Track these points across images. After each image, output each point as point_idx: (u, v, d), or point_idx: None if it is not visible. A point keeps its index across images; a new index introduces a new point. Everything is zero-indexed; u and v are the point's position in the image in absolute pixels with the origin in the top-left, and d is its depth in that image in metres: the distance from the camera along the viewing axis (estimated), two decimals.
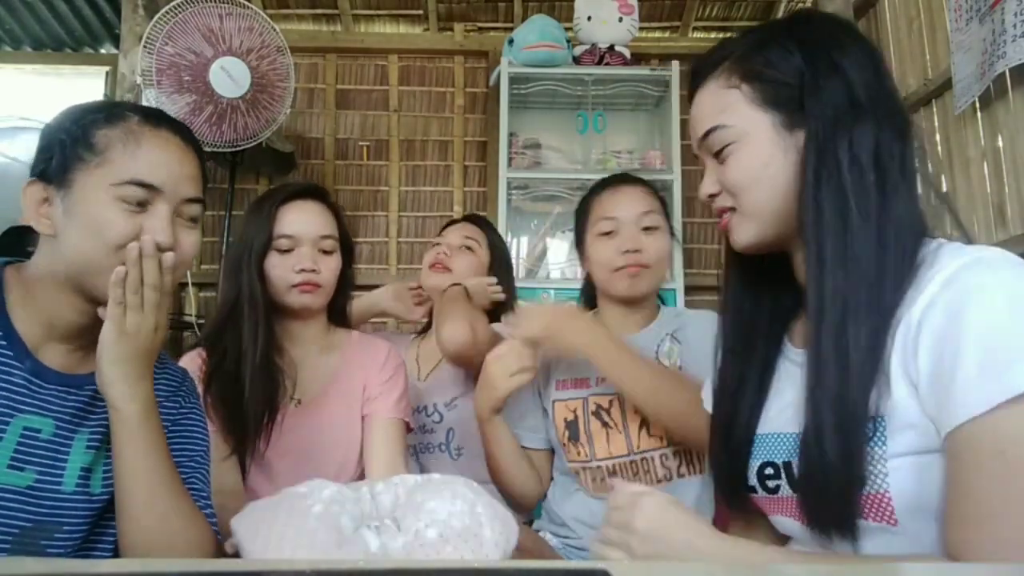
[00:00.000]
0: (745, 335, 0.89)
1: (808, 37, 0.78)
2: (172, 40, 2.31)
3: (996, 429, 0.62)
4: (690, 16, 3.42)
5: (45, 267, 0.86)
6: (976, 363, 0.63)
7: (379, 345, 1.45)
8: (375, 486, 0.86)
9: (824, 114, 0.74)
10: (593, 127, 2.99)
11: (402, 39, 3.43)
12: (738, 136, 0.79)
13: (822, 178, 0.73)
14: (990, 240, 2.02)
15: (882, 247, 0.71)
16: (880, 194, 0.72)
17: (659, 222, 1.40)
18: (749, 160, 0.78)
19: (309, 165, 3.28)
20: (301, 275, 1.31)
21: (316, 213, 1.37)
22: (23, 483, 0.83)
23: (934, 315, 0.67)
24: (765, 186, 0.78)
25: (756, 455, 0.87)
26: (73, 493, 0.86)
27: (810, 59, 0.76)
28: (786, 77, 0.77)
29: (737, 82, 0.79)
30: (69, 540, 0.86)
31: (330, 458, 1.34)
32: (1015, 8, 1.81)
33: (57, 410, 0.86)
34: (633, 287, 1.38)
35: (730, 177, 0.80)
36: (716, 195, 0.84)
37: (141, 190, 0.84)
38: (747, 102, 0.78)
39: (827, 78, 0.74)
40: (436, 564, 0.71)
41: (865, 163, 0.72)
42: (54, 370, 0.87)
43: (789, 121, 0.77)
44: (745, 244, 0.82)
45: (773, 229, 0.80)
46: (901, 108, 0.77)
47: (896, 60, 2.59)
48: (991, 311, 0.64)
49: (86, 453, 0.88)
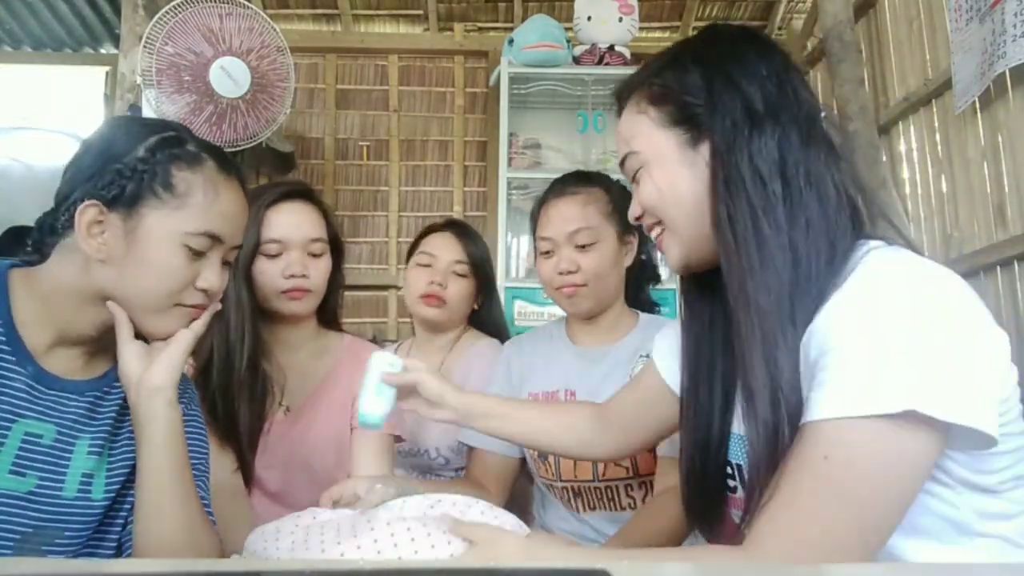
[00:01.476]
0: (702, 352, 0.89)
1: (706, 53, 0.80)
2: (172, 40, 2.31)
3: (832, 436, 0.64)
4: (690, 16, 3.42)
5: (70, 280, 0.85)
6: (840, 372, 0.64)
7: (366, 351, 1.38)
8: (378, 512, 0.88)
9: (724, 128, 0.75)
10: (593, 127, 2.99)
11: (402, 39, 3.43)
12: (645, 161, 0.81)
13: (729, 191, 0.74)
14: (990, 240, 2.02)
15: (794, 256, 0.71)
16: (788, 203, 0.72)
17: (594, 237, 1.35)
18: (657, 182, 0.80)
19: (309, 165, 3.28)
20: (291, 281, 1.27)
21: (304, 215, 1.32)
22: (24, 489, 0.83)
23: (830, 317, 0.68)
24: (679, 204, 0.79)
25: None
26: (74, 499, 0.86)
27: (707, 75, 0.77)
28: (686, 96, 0.78)
29: (645, 107, 0.82)
30: (71, 546, 0.86)
31: (320, 467, 1.31)
32: (1015, 8, 1.81)
33: (58, 416, 0.86)
34: (574, 306, 1.38)
35: (643, 199, 0.82)
36: (640, 217, 0.86)
37: (210, 241, 0.86)
38: (653, 125, 0.80)
39: (723, 92, 0.75)
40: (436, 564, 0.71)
41: (767, 173, 0.72)
42: (56, 376, 0.87)
43: (693, 138, 0.78)
44: (677, 264, 0.84)
45: (700, 246, 0.80)
46: (808, 113, 0.76)
47: (896, 60, 2.59)
48: (878, 325, 0.64)
49: (87, 459, 0.88)
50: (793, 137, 0.74)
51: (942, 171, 2.30)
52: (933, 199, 2.35)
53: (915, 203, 2.44)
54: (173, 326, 0.88)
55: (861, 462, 0.63)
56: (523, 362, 1.48)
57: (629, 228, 1.40)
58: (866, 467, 0.63)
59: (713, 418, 0.87)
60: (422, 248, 1.71)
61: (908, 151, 2.53)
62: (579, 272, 1.35)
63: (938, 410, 0.61)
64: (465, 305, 1.70)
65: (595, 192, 1.40)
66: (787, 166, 0.73)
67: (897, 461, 0.63)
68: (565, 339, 1.47)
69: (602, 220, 1.37)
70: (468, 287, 1.68)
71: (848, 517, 0.63)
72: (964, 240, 2.14)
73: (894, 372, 0.62)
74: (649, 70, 0.83)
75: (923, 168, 2.43)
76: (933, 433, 0.63)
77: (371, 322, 3.19)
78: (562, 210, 1.38)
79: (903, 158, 2.54)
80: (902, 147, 2.56)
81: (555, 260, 1.36)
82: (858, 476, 0.63)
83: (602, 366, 1.40)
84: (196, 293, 0.87)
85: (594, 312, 1.40)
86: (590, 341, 1.43)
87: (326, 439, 1.32)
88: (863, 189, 0.78)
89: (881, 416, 0.61)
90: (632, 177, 0.84)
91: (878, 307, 0.65)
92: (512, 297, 2.73)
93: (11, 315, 0.85)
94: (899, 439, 0.62)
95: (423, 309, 1.66)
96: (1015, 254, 1.91)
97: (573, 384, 1.40)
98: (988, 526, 0.69)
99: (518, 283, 2.76)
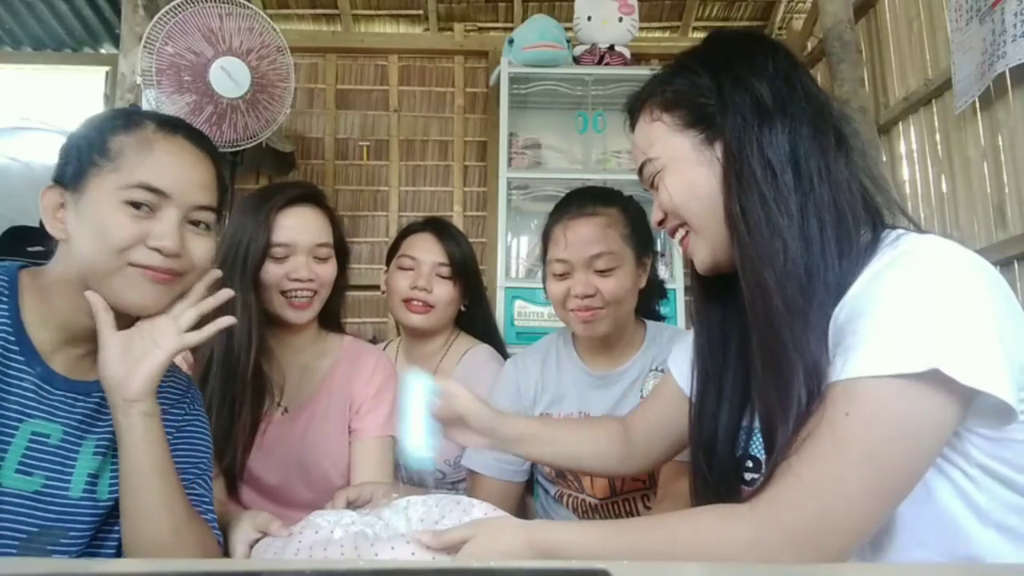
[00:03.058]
0: (716, 351, 0.91)
1: (714, 57, 0.83)
2: (172, 40, 2.31)
3: (854, 394, 0.65)
4: (690, 16, 3.42)
5: (60, 272, 0.86)
6: (866, 335, 0.66)
7: (367, 355, 1.40)
8: (383, 512, 0.89)
9: (735, 124, 0.77)
10: (593, 127, 2.98)
11: (402, 39, 3.43)
12: (663, 165, 0.83)
13: (741, 184, 0.76)
14: (990, 240, 2.02)
15: (808, 245, 0.73)
16: (799, 193, 0.74)
17: (615, 262, 1.30)
18: (676, 183, 0.82)
19: (309, 165, 3.28)
20: (295, 283, 1.28)
21: (312, 220, 1.32)
22: (31, 488, 0.83)
23: (863, 287, 0.70)
24: (699, 202, 0.81)
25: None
26: (80, 499, 0.87)
27: (716, 76, 0.80)
28: (698, 98, 0.81)
29: (659, 114, 0.84)
30: (76, 545, 0.87)
31: (317, 468, 1.31)
32: (1015, 8, 1.81)
33: (65, 416, 0.87)
34: (590, 330, 1.33)
35: (664, 202, 0.84)
36: (663, 221, 0.87)
37: (149, 194, 0.84)
38: (668, 130, 0.83)
39: (733, 91, 0.78)
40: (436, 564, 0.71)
41: (779, 165, 0.74)
42: (63, 376, 0.87)
43: (708, 138, 0.80)
44: (704, 265, 0.85)
45: (724, 245, 0.81)
46: (821, 107, 0.78)
47: (896, 60, 2.59)
48: (906, 290, 0.66)
49: (93, 459, 0.89)
50: (803, 130, 0.75)
51: (942, 171, 2.30)
52: (933, 199, 2.35)
53: (915, 203, 2.44)
54: (136, 291, 0.84)
55: (882, 420, 0.63)
56: (532, 384, 1.44)
57: (646, 249, 1.37)
58: (886, 425, 0.63)
59: (720, 418, 0.88)
60: (403, 251, 1.67)
61: (908, 151, 2.53)
62: (597, 296, 1.29)
63: (961, 373, 0.61)
64: (452, 308, 1.67)
65: (614, 213, 1.34)
66: (799, 158, 0.75)
67: (918, 422, 0.64)
68: (576, 360, 1.43)
69: (622, 244, 1.32)
70: (453, 289, 1.64)
71: (863, 474, 0.63)
72: (964, 240, 2.14)
73: (920, 334, 0.64)
74: (659, 80, 0.86)
75: (923, 168, 2.43)
76: (954, 398, 0.64)
77: (371, 322, 3.19)
78: (582, 233, 1.31)
79: (903, 158, 2.54)
80: (902, 147, 2.56)
81: (570, 282, 1.31)
82: (878, 434, 0.63)
83: (617, 388, 1.38)
84: (150, 253, 0.84)
85: (609, 334, 1.36)
86: (604, 363, 1.40)
87: (324, 440, 1.32)
88: (875, 179, 0.80)
89: (904, 375, 0.63)
90: (651, 183, 0.86)
91: (909, 277, 0.67)
92: (512, 297, 2.72)
93: (20, 316, 0.85)
94: (921, 399, 0.63)
95: (408, 316, 1.62)
96: (1015, 254, 1.91)
97: (588, 407, 1.39)
98: (1008, 518, 0.69)
99: (518, 283, 2.76)
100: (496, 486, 1.38)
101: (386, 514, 0.90)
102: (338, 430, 1.33)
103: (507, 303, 2.70)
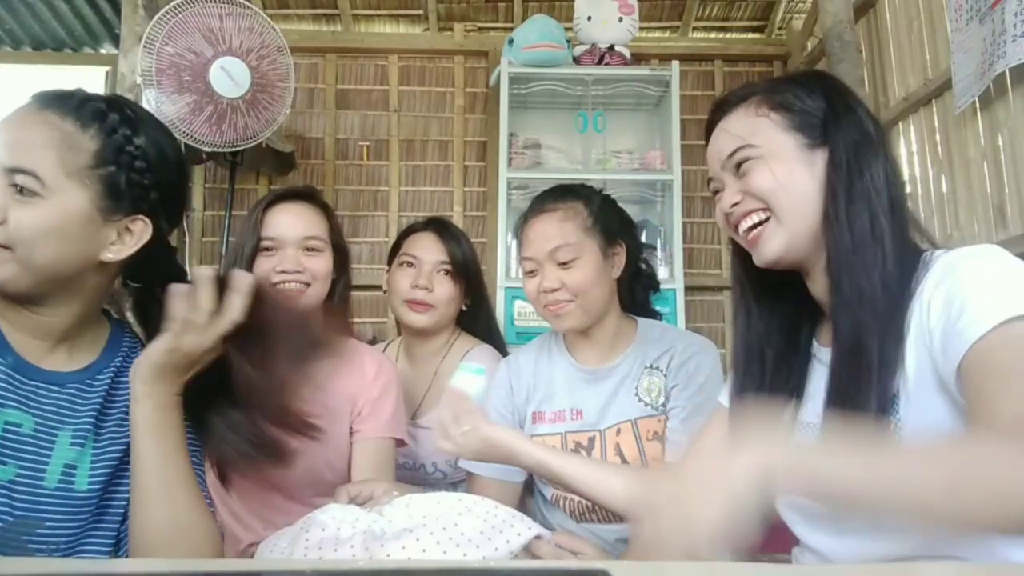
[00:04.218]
0: (756, 356, 0.97)
1: (826, 85, 0.93)
2: (172, 40, 2.31)
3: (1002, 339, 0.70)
4: (690, 16, 3.42)
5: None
6: (978, 297, 0.74)
7: (369, 357, 1.40)
8: (385, 509, 0.89)
9: (847, 140, 0.87)
10: (593, 127, 2.99)
11: (402, 39, 3.43)
12: (764, 154, 0.90)
13: (851, 195, 0.85)
14: (990, 240, 2.02)
15: (900, 255, 0.84)
16: (892, 212, 0.85)
17: (574, 253, 1.32)
18: (776, 172, 0.89)
19: (309, 165, 3.28)
20: (281, 275, 1.30)
21: (299, 214, 1.34)
22: (4, 477, 0.83)
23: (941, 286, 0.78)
24: (793, 194, 0.88)
25: None
26: (56, 489, 0.86)
27: (827, 97, 0.91)
28: (810, 109, 0.90)
29: (766, 111, 0.92)
30: (55, 537, 0.86)
31: (316, 469, 1.31)
32: (1015, 8, 1.81)
33: (37, 406, 0.87)
34: (562, 322, 1.35)
35: (758, 185, 0.90)
36: (737, 204, 0.92)
37: None
38: (775, 127, 0.90)
39: (844, 114, 0.89)
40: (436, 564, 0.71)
41: (881, 186, 0.86)
42: (36, 366, 0.88)
43: (811, 144, 0.89)
44: (774, 255, 0.89)
45: (800, 241, 0.88)
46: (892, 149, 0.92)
47: (896, 60, 2.59)
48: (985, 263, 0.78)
49: (70, 450, 0.88)
50: (889, 163, 0.88)
51: (942, 171, 2.30)
52: (933, 199, 2.36)
53: (915, 203, 2.44)
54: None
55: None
56: (524, 383, 1.45)
57: (614, 239, 1.38)
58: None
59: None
60: (404, 250, 1.68)
61: (908, 151, 2.53)
62: (563, 289, 1.32)
63: None
64: (453, 307, 1.67)
65: (574, 206, 1.37)
66: (891, 183, 0.87)
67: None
68: (566, 356, 1.43)
69: (582, 235, 1.34)
70: (454, 288, 1.65)
71: None
72: (964, 240, 2.14)
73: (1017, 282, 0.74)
74: (764, 86, 0.95)
75: (923, 168, 2.43)
76: None
77: (371, 322, 3.19)
78: (540, 229, 1.36)
79: (903, 158, 2.54)
80: (902, 147, 2.56)
81: (539, 279, 1.35)
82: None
83: (608, 383, 1.38)
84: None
85: (585, 327, 1.37)
86: (593, 358, 1.40)
87: (324, 439, 1.31)
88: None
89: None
90: (738, 167, 0.92)
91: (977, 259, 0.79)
92: (512, 297, 2.73)
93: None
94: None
95: (410, 315, 1.63)
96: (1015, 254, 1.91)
97: (580, 403, 1.39)
98: None
99: (518, 283, 2.75)
100: (495, 487, 1.38)
101: (388, 511, 0.90)
102: (339, 431, 1.33)
103: (507, 303, 2.71)
